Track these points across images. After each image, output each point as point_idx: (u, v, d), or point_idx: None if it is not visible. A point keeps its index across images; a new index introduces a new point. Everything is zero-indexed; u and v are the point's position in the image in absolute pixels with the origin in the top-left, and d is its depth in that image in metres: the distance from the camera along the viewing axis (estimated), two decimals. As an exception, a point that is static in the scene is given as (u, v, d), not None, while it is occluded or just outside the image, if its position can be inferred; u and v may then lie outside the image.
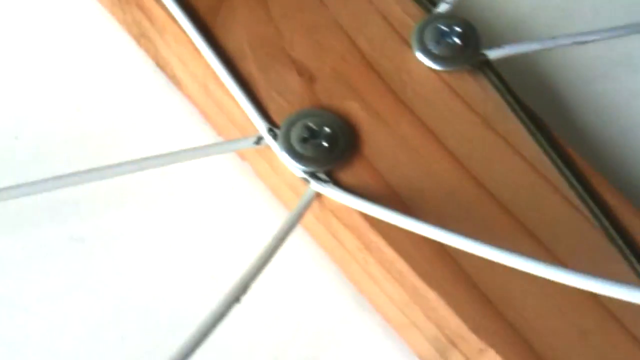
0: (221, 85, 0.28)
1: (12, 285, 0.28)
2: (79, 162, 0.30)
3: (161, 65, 0.32)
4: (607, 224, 0.26)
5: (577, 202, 0.27)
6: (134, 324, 0.28)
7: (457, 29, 0.29)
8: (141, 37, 0.32)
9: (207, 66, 0.28)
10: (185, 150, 0.27)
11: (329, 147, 0.26)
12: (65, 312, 0.28)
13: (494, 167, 0.27)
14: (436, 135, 0.27)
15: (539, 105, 0.29)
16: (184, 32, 0.28)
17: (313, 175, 0.26)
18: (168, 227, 0.29)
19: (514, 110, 0.28)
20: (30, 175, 0.27)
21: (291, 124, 0.27)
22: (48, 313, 0.28)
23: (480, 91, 0.28)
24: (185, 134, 0.31)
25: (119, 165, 0.27)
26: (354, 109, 0.28)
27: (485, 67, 0.29)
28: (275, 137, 0.27)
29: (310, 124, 0.27)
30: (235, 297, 0.24)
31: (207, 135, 0.31)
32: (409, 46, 0.29)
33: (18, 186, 0.26)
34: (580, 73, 0.33)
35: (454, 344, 0.25)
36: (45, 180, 0.26)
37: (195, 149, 0.27)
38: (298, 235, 0.28)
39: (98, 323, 0.28)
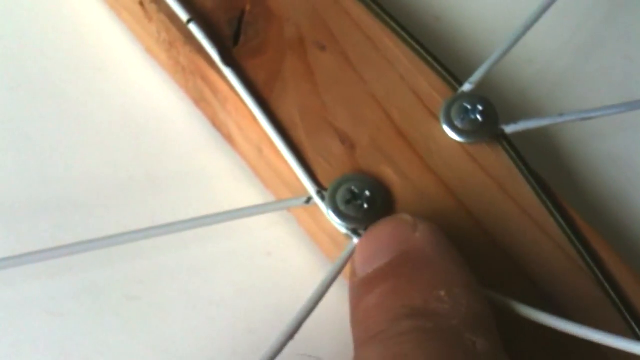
0: (275, 150, 0.30)
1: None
2: (131, 219, 0.32)
3: (217, 125, 0.34)
4: (599, 273, 0.29)
5: (574, 254, 0.30)
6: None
7: (479, 107, 0.31)
8: (201, 101, 0.34)
9: (263, 133, 0.31)
10: (243, 209, 0.30)
11: (368, 207, 0.29)
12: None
13: (505, 224, 0.30)
14: (456, 195, 0.30)
15: (547, 168, 0.32)
16: (244, 103, 0.31)
17: (354, 232, 0.29)
18: (216, 271, 0.32)
19: (524, 176, 0.31)
20: (82, 233, 0.29)
21: (336, 187, 0.29)
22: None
23: (496, 159, 0.31)
24: (235, 185, 0.33)
25: (183, 222, 0.29)
26: (389, 174, 0.30)
27: (502, 139, 0.31)
28: (323, 198, 0.29)
29: (353, 188, 0.29)
30: (291, 335, 0.27)
31: (255, 187, 0.33)
32: (437, 119, 0.31)
33: (68, 245, 0.28)
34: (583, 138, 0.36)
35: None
36: (98, 240, 0.28)
37: (252, 207, 0.30)
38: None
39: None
